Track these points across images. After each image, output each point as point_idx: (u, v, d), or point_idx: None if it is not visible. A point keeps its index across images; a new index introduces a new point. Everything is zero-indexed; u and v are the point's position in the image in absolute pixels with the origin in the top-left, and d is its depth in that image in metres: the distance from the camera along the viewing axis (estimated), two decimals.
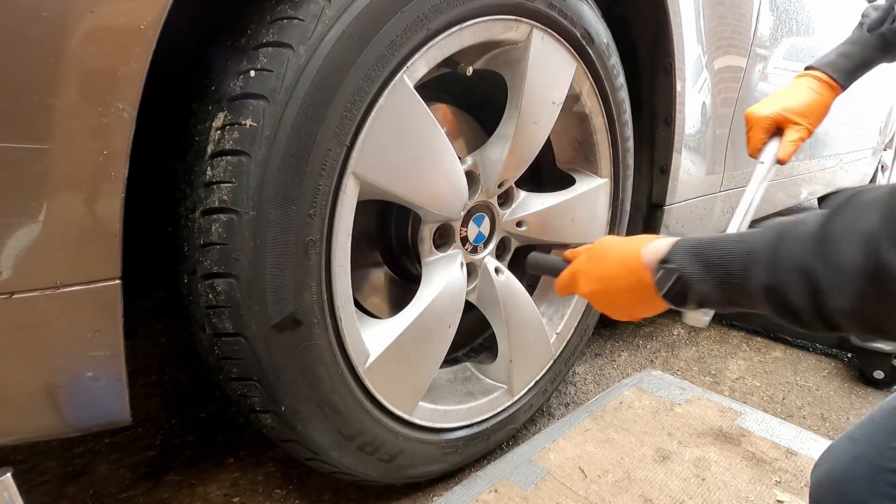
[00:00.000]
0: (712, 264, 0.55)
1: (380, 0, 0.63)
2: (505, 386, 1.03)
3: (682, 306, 0.60)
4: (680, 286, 0.58)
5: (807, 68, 0.97)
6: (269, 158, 0.59)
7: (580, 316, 1.16)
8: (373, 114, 0.66)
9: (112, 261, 0.51)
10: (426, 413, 0.89)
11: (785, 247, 0.47)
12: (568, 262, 0.76)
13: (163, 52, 0.49)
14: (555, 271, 0.81)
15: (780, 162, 0.93)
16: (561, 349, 1.13)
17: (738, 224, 0.91)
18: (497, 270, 0.98)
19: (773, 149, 0.93)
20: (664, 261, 0.60)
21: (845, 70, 0.93)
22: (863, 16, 0.95)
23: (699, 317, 0.76)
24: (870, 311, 0.41)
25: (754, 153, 0.95)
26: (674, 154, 1.20)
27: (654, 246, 0.63)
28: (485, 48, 0.84)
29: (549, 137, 0.97)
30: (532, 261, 0.88)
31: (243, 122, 0.58)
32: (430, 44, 0.70)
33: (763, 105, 0.94)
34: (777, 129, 0.94)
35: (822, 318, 0.45)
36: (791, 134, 0.92)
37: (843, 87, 0.95)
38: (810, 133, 0.93)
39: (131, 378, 0.56)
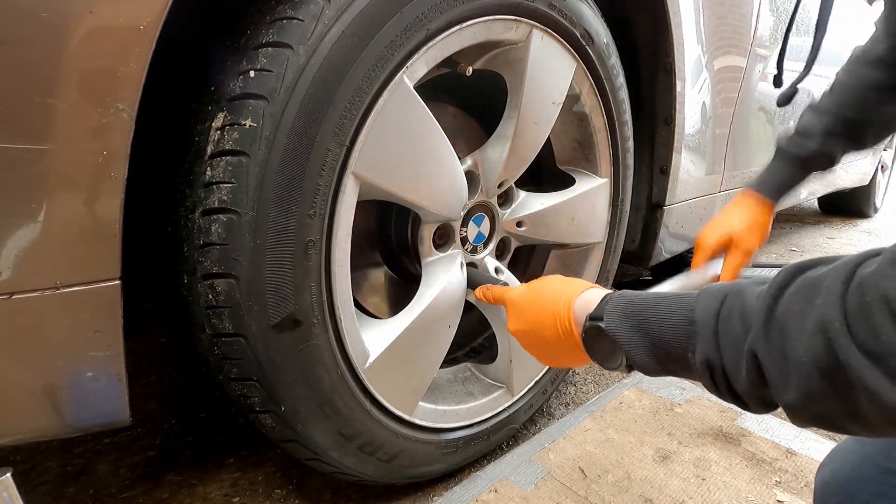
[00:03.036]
0: (647, 328, 0.49)
1: (379, 0, 0.63)
2: (505, 386, 1.03)
3: (609, 367, 0.55)
4: (609, 346, 0.53)
5: (742, 190, 1.03)
6: (268, 159, 0.59)
7: None
8: (373, 114, 0.66)
9: (112, 261, 0.51)
10: (426, 413, 0.89)
11: (730, 323, 0.43)
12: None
13: (162, 52, 0.49)
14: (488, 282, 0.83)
15: (719, 279, 0.98)
16: None
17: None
18: (497, 270, 0.98)
19: (714, 266, 1.00)
20: (594, 317, 0.54)
21: (773, 189, 0.99)
22: (778, 140, 0.99)
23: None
24: (820, 407, 0.38)
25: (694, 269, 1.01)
26: (674, 154, 1.20)
27: (588, 297, 0.58)
28: (484, 48, 0.84)
29: (548, 137, 0.97)
30: (471, 275, 0.90)
31: (243, 123, 0.58)
32: (429, 44, 0.70)
33: (710, 231, 1.00)
34: (723, 249, 1.00)
35: (763, 402, 0.43)
36: (732, 259, 0.98)
37: (776, 202, 1.00)
38: (751, 253, 0.99)
39: (131, 378, 0.56)
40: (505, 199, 0.99)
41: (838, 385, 0.36)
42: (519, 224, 1.00)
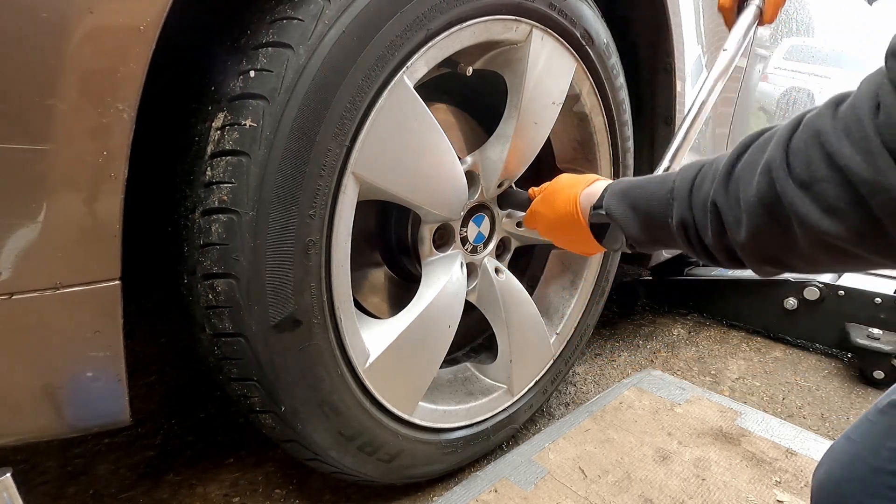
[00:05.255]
0: (637, 204, 0.58)
1: (380, 0, 0.63)
2: (505, 386, 1.03)
3: (614, 248, 0.64)
4: (611, 229, 0.63)
5: None
6: (268, 159, 0.59)
7: (580, 316, 1.16)
8: (373, 114, 0.66)
9: (112, 261, 0.51)
10: (426, 413, 0.89)
11: (702, 185, 0.50)
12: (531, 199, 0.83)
13: (162, 52, 0.49)
14: (523, 207, 0.88)
15: (764, 21, 0.93)
16: (561, 349, 1.13)
17: (688, 123, 0.93)
18: (497, 270, 0.98)
19: (740, 31, 0.90)
20: (596, 206, 0.64)
21: None
22: None
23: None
24: (764, 242, 0.43)
25: (729, 21, 0.96)
26: None
27: (591, 190, 0.68)
28: (485, 48, 0.84)
29: (548, 137, 0.97)
30: (505, 195, 0.94)
31: (243, 123, 0.58)
32: (429, 44, 0.70)
33: None
34: None
35: (726, 250, 0.48)
36: None
37: None
38: None
39: (131, 378, 0.56)
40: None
41: (777, 217, 0.41)
42: (519, 224, 1.00)
